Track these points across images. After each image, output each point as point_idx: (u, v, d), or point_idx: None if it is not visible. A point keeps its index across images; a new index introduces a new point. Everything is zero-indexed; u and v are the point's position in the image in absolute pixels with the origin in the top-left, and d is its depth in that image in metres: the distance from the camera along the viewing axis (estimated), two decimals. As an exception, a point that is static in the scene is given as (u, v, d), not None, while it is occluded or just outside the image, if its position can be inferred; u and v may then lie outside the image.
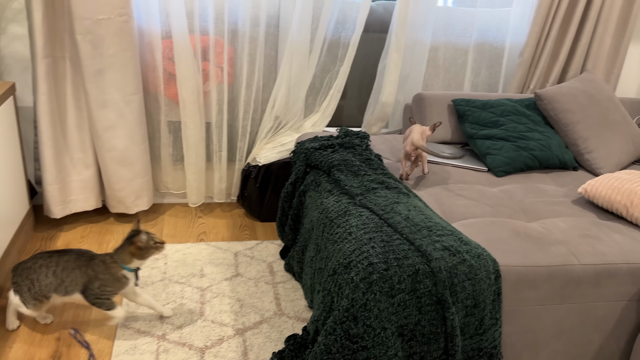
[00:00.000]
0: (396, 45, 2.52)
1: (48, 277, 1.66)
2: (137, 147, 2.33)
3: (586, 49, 2.66)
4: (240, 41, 2.43)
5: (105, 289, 1.68)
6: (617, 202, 1.89)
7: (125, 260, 1.69)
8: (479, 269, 1.52)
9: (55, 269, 1.66)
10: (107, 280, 1.67)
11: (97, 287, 1.67)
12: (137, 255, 1.68)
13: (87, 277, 1.67)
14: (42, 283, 1.66)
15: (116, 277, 1.68)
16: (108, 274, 1.67)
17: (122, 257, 1.69)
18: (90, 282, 1.66)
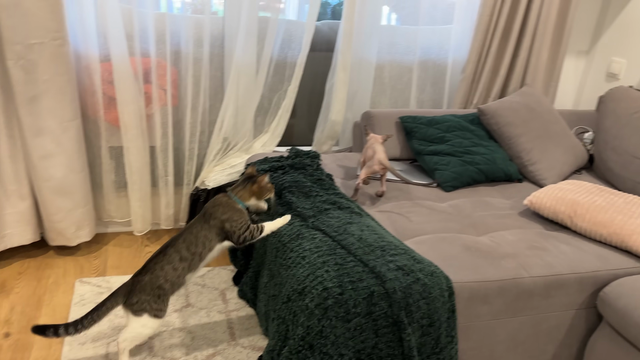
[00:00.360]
0: (342, 64, 2.53)
1: (177, 266, 1.62)
2: (76, 175, 2.22)
3: (525, 64, 2.75)
4: (184, 62, 2.37)
5: (238, 220, 1.68)
6: (562, 213, 1.95)
7: (244, 197, 1.73)
8: (433, 287, 1.52)
9: (180, 254, 1.63)
10: (232, 215, 1.68)
11: (230, 226, 1.67)
12: (257, 194, 1.75)
13: (216, 228, 1.67)
14: (174, 275, 1.62)
15: (237, 209, 1.70)
16: (229, 210, 1.68)
17: (241, 194, 1.73)
18: (223, 229, 1.67)
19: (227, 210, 1.68)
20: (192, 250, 1.64)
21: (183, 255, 1.63)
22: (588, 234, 1.89)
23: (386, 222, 1.93)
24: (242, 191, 1.74)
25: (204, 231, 1.66)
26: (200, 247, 1.65)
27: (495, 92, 2.76)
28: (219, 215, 1.67)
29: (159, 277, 1.61)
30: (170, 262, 1.61)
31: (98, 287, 2.13)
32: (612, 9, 2.89)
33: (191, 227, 1.68)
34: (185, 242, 1.64)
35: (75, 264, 2.29)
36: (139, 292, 1.60)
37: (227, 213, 1.68)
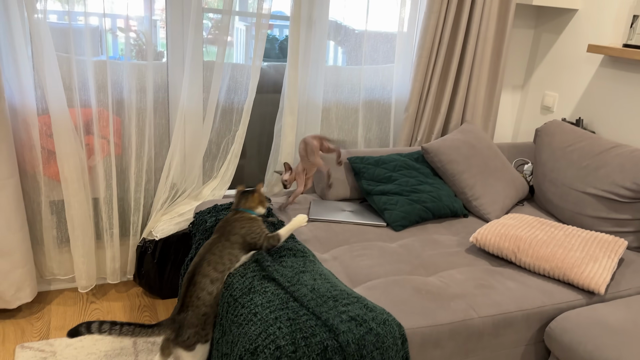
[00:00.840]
0: (289, 108, 2.56)
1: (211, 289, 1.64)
2: (14, 235, 2.12)
3: (464, 101, 2.87)
4: (126, 111, 2.34)
5: (256, 231, 1.76)
6: (506, 249, 2.01)
7: (253, 207, 1.84)
8: (386, 336, 1.52)
9: (210, 277, 1.64)
10: (250, 226, 1.75)
11: (251, 238, 1.74)
12: (261, 202, 1.86)
13: (237, 244, 1.72)
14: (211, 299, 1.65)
15: (252, 219, 1.78)
16: (246, 223, 1.75)
17: (249, 205, 1.83)
18: (245, 242, 1.74)
19: (245, 223, 1.75)
20: (220, 270, 1.68)
21: (213, 277, 1.66)
22: (532, 268, 1.96)
23: (338, 267, 1.93)
24: (248, 202, 1.84)
25: (227, 249, 1.70)
26: (227, 264, 1.70)
27: (437, 128, 2.85)
28: (238, 231, 1.73)
29: (200, 307, 1.64)
30: (204, 289, 1.64)
31: (41, 351, 2.02)
32: (542, 46, 3.07)
33: (211, 248, 1.70)
34: (211, 265, 1.67)
35: (15, 328, 2.17)
36: (187, 328, 1.62)
37: (245, 226, 1.75)
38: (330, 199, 2.50)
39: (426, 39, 2.64)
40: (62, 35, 2.17)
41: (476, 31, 2.71)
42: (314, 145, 2.27)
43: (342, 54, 2.77)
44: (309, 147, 2.27)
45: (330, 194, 2.50)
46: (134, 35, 2.30)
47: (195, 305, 1.64)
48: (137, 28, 2.29)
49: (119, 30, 2.27)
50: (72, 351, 2.03)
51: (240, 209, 1.83)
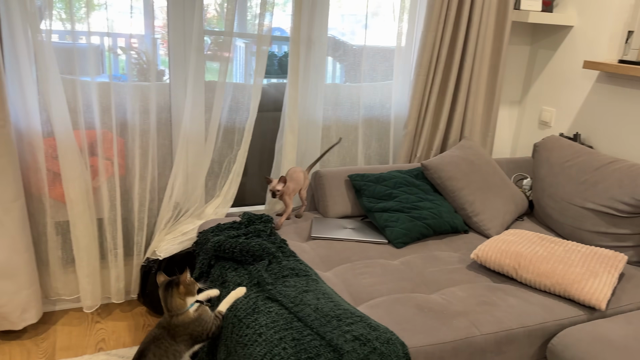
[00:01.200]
0: (290, 127, 2.59)
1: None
2: (20, 256, 2.14)
3: (462, 117, 2.91)
4: (130, 133, 2.37)
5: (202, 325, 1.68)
6: (507, 265, 2.03)
7: (181, 305, 1.68)
8: (390, 355, 1.54)
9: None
10: (197, 324, 1.68)
11: (198, 334, 1.68)
12: (188, 293, 1.70)
13: (184, 342, 1.66)
14: None
15: (194, 318, 1.68)
16: (191, 323, 1.67)
17: (176, 305, 1.68)
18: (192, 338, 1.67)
19: (187, 325, 1.68)
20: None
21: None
22: (533, 284, 1.98)
23: (341, 285, 1.95)
24: (174, 302, 1.68)
25: (172, 347, 1.65)
26: (172, 358, 1.65)
27: (436, 145, 2.89)
28: (182, 333, 1.67)
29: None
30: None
31: (46, 373, 2.04)
32: (538, 62, 3.11)
33: (158, 341, 1.64)
34: (156, 357, 1.62)
35: (21, 349, 2.18)
36: None
37: (189, 327, 1.67)
38: (331, 216, 2.53)
39: (424, 57, 2.69)
40: (65, 55, 2.20)
41: (473, 48, 2.76)
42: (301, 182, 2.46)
43: (340, 69, 2.81)
44: (299, 181, 2.45)
45: (330, 212, 2.52)
46: (135, 55, 2.34)
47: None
48: (138, 47, 2.33)
49: (119, 49, 2.31)
50: (77, 372, 2.05)
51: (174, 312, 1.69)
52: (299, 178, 2.45)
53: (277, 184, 2.35)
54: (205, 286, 1.91)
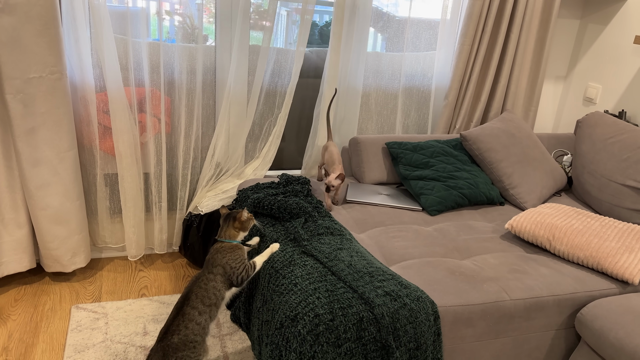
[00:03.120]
0: (329, 92, 2.62)
1: (199, 320, 1.67)
2: (72, 204, 2.27)
3: (505, 90, 2.87)
4: (177, 92, 2.46)
5: (236, 262, 1.76)
6: (541, 237, 2.04)
7: (233, 235, 1.81)
8: (419, 312, 1.60)
9: (198, 309, 1.67)
10: (230, 256, 1.76)
11: (230, 269, 1.74)
12: (242, 229, 1.82)
13: (219, 275, 1.72)
14: (199, 328, 1.66)
15: (232, 248, 1.78)
16: (227, 252, 1.76)
17: (229, 234, 1.80)
18: (225, 273, 1.74)
19: (225, 253, 1.76)
20: (207, 303, 1.69)
21: (201, 309, 1.68)
22: (566, 256, 1.98)
23: (374, 247, 2.00)
24: (228, 231, 1.82)
25: (211, 282, 1.72)
26: (213, 299, 1.71)
27: (477, 117, 2.87)
28: (219, 262, 1.75)
29: (188, 335, 1.66)
30: (192, 319, 1.66)
31: (94, 313, 2.18)
32: (587, 37, 3.03)
33: (199, 280, 1.73)
34: (199, 297, 1.69)
35: (70, 290, 2.34)
36: (174, 352, 1.65)
37: (226, 256, 1.76)
38: (367, 182, 2.57)
39: (469, 26, 2.66)
40: (119, 17, 2.29)
41: (520, 20, 2.71)
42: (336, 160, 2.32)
43: (381, 41, 2.81)
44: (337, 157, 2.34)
45: (366, 178, 2.56)
46: (180, 19, 2.40)
47: (183, 334, 1.66)
48: (183, 11, 2.39)
49: (165, 13, 2.38)
50: (122, 314, 2.18)
51: (220, 239, 1.81)
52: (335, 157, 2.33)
53: (334, 179, 2.18)
54: (261, 225, 2.01)
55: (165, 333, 1.67)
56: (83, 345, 1.98)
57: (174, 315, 1.68)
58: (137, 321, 2.15)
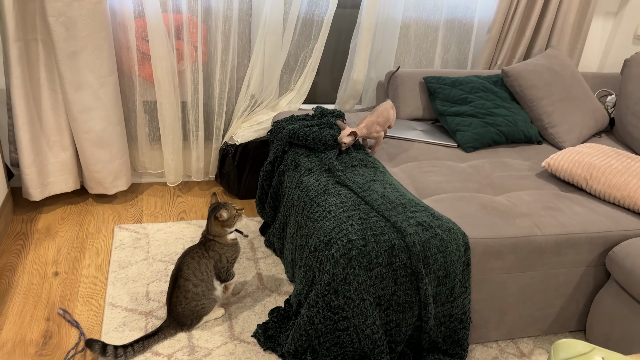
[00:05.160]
0: (367, 23, 2.56)
1: (195, 290, 1.75)
2: (113, 128, 2.34)
3: (551, 25, 2.75)
4: (213, 19, 2.44)
5: (231, 260, 1.81)
6: (578, 175, 2.02)
7: (219, 232, 1.79)
8: (450, 242, 1.63)
9: (192, 281, 1.74)
10: (230, 253, 1.81)
11: (225, 260, 1.79)
12: (226, 225, 1.79)
13: (212, 259, 1.77)
14: (200, 297, 1.76)
15: (235, 247, 1.82)
16: (228, 248, 1.80)
17: (215, 232, 1.79)
18: (219, 263, 1.78)
19: (225, 246, 1.79)
20: (199, 277, 1.74)
21: (194, 282, 1.74)
22: (602, 196, 1.96)
23: (407, 181, 2.02)
24: (215, 228, 1.78)
25: (204, 259, 1.76)
26: (205, 275, 1.76)
27: (520, 53, 2.78)
28: (217, 249, 1.78)
29: (190, 302, 1.75)
30: (189, 290, 1.74)
31: (135, 233, 2.29)
32: (645, -31, 2.84)
33: (193, 252, 1.77)
34: (190, 269, 1.74)
35: (113, 211, 2.45)
36: (184, 319, 1.77)
37: (224, 248, 1.79)
38: (402, 117, 2.55)
39: (518, -45, 2.52)
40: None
41: (574, -51, 2.55)
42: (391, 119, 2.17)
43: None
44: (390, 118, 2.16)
45: (401, 113, 2.54)
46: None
47: (185, 304, 1.74)
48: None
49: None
50: (162, 235, 2.29)
51: (213, 233, 1.79)
52: (389, 115, 2.16)
53: (345, 135, 2.02)
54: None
55: (170, 305, 1.77)
56: (126, 262, 2.10)
57: (172, 288, 1.76)
58: (177, 242, 2.25)
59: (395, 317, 1.62)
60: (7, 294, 1.90)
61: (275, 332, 1.80)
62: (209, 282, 1.77)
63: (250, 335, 1.82)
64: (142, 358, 1.67)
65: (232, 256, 1.82)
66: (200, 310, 1.78)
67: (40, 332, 1.75)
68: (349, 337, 1.59)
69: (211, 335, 1.80)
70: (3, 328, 1.75)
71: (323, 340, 1.60)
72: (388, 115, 2.15)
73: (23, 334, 1.74)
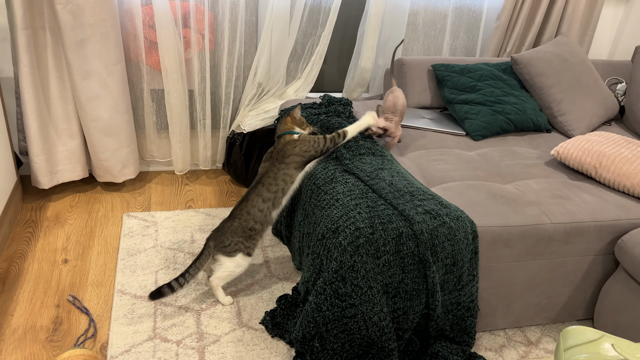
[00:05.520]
0: (375, 10, 2.54)
1: (262, 207, 1.79)
2: (121, 116, 2.34)
3: (561, 12, 2.72)
4: (220, 7, 2.43)
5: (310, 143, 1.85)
6: (587, 164, 2.00)
7: (286, 128, 1.89)
8: (458, 230, 1.62)
9: (262, 196, 1.78)
10: (301, 144, 1.84)
11: (308, 148, 1.84)
12: (295, 124, 1.90)
13: (294, 163, 1.82)
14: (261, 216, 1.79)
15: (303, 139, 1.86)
16: (297, 143, 1.84)
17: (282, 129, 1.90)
18: (303, 158, 1.83)
19: (296, 143, 1.83)
20: (272, 190, 1.79)
21: (265, 197, 1.78)
22: (612, 184, 1.95)
23: (415, 169, 2.02)
24: (283, 125, 1.90)
25: (282, 171, 1.80)
26: (281, 185, 1.81)
27: (529, 40, 2.75)
28: (291, 151, 1.82)
29: (248, 221, 1.79)
30: (255, 205, 1.78)
31: (144, 221, 2.31)
32: (658, -46, 2.79)
33: (267, 172, 1.81)
34: (265, 186, 1.79)
35: (121, 199, 2.47)
36: (231, 236, 1.79)
37: (297, 145, 1.83)
38: (410, 105, 2.53)
39: (529, -59, 2.48)
40: None
41: None
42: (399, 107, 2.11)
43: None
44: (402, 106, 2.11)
45: (409, 101, 2.53)
46: None
47: (244, 219, 1.78)
48: None
49: None
50: (170, 223, 2.30)
51: (282, 134, 1.88)
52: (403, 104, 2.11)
53: (377, 127, 2.00)
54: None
55: (230, 216, 1.81)
56: (135, 250, 2.12)
57: (240, 202, 1.81)
58: (185, 230, 2.26)
59: (402, 305, 1.62)
60: (17, 280, 1.92)
61: (283, 319, 1.81)
62: (279, 194, 1.81)
63: (258, 322, 1.83)
64: (151, 344, 1.69)
65: (310, 141, 1.85)
66: (250, 233, 1.80)
67: (51, 318, 1.77)
68: (356, 324, 1.59)
69: (219, 322, 1.81)
70: (14, 314, 1.77)
71: (330, 327, 1.61)
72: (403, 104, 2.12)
73: (34, 320, 1.76)
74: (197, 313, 1.83)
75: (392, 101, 2.11)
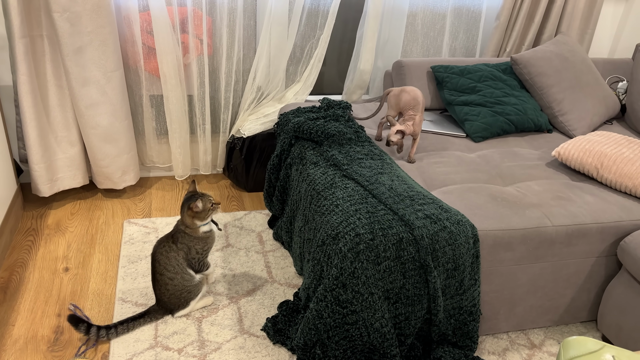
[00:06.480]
0: (373, 12, 2.53)
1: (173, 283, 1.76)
2: (120, 123, 2.34)
3: (561, 11, 2.70)
4: (218, 12, 2.42)
5: (202, 253, 1.78)
6: (588, 164, 1.99)
7: (191, 224, 1.73)
8: (459, 234, 1.62)
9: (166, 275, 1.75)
10: (199, 246, 1.76)
11: (195, 252, 1.76)
12: (198, 218, 1.72)
13: (182, 251, 1.75)
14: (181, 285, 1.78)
15: (207, 239, 1.77)
16: (198, 241, 1.75)
17: (187, 223, 1.73)
18: (188, 255, 1.76)
19: (194, 239, 1.75)
20: (172, 271, 1.74)
21: (169, 275, 1.75)
22: (613, 185, 1.94)
23: (415, 172, 2.01)
24: (187, 219, 1.72)
25: (172, 253, 1.74)
26: (177, 269, 1.75)
27: (529, 39, 2.73)
28: (186, 242, 1.74)
29: (174, 293, 1.77)
30: (167, 283, 1.75)
31: (145, 227, 2.30)
32: (658, -50, 2.77)
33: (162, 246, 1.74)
34: (162, 265, 1.74)
35: (122, 206, 2.46)
36: (174, 305, 1.80)
37: (194, 241, 1.75)
38: (411, 107, 2.52)
39: (527, -60, 2.47)
40: None
41: None
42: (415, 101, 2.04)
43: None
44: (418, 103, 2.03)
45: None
46: None
47: (169, 294, 1.76)
48: None
49: None
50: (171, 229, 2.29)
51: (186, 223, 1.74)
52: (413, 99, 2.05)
53: (393, 134, 1.95)
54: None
55: (156, 296, 1.80)
56: (136, 257, 2.12)
57: (153, 281, 1.78)
58: (185, 236, 2.26)
59: (404, 310, 1.62)
60: (18, 290, 1.92)
61: (285, 325, 1.80)
62: (183, 273, 1.76)
63: (259, 328, 1.82)
64: (152, 353, 1.69)
65: (203, 248, 1.77)
66: (186, 296, 1.80)
67: (52, 328, 1.77)
68: (357, 330, 1.59)
69: (221, 329, 1.80)
70: (15, 324, 1.77)
71: (332, 334, 1.60)
72: None
73: (35, 330, 1.75)
74: (199, 320, 1.83)
75: (410, 95, 2.03)
